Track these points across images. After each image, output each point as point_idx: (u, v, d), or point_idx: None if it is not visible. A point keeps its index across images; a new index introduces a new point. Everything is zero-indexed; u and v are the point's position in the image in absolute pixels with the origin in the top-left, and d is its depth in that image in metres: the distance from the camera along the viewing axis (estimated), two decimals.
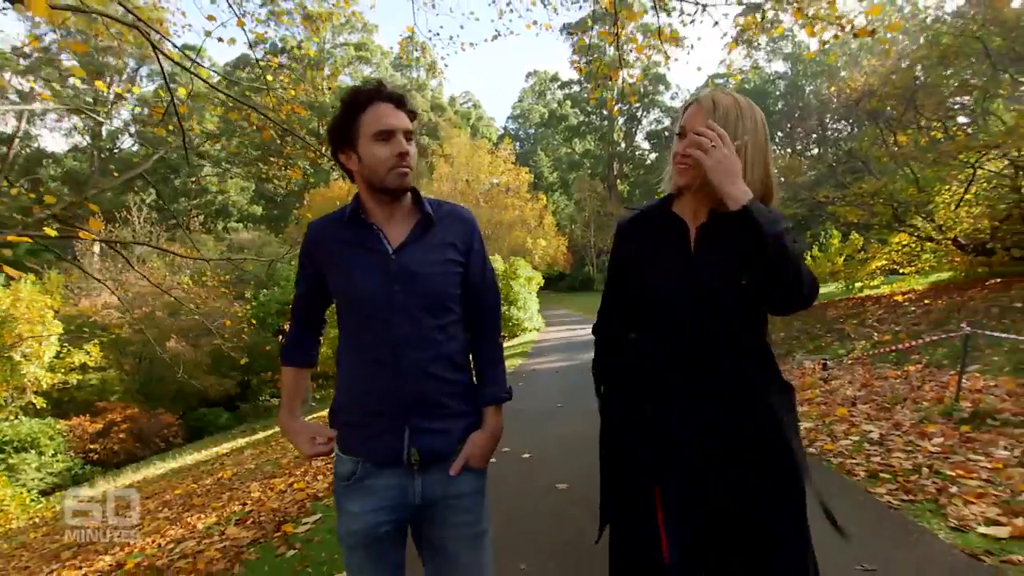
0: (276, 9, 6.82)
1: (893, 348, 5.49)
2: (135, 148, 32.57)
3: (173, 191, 37.24)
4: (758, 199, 1.05)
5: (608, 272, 1.33)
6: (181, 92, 4.73)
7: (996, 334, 4.23)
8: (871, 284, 11.92)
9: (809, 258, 14.14)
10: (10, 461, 11.50)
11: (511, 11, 5.53)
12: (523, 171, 29.45)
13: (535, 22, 5.74)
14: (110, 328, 16.62)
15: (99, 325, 16.98)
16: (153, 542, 3.63)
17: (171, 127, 4.54)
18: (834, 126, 9.94)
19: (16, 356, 12.44)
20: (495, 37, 5.96)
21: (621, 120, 47.26)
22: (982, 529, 2.21)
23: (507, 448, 4.10)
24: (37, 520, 7.11)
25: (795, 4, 4.26)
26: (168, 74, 3.95)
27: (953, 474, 2.78)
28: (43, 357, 13.05)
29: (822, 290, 14.11)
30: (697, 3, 4.08)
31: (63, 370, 14.38)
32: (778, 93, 40.46)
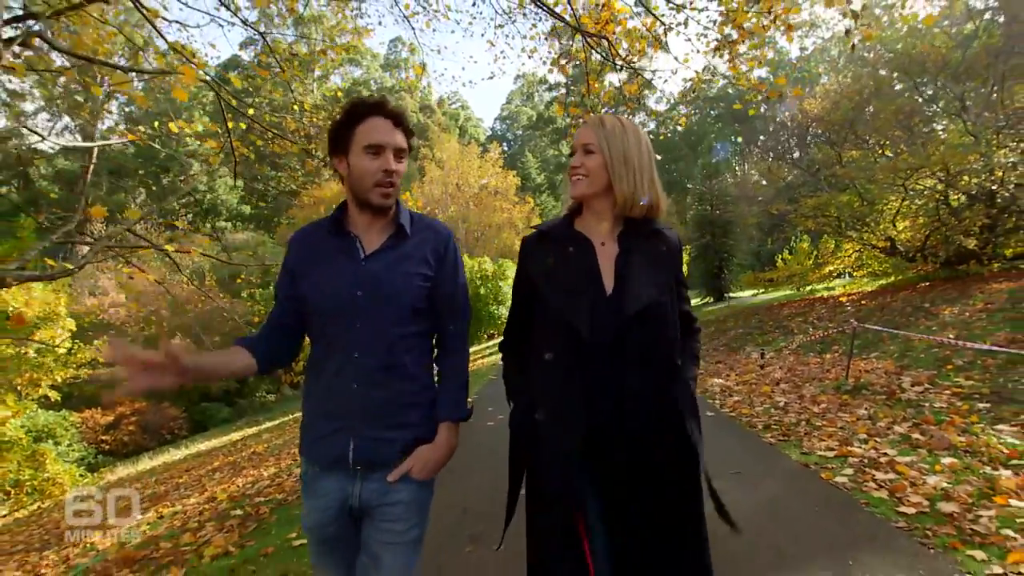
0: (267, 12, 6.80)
1: (818, 340, 6.68)
2: (130, 151, 32.88)
3: (162, 190, 37.53)
4: (640, 208, 1.20)
5: (514, 290, 1.34)
6: (181, 96, 4.90)
7: (875, 327, 5.43)
8: (827, 285, 13.24)
9: (780, 261, 15.53)
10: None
11: (504, 57, 6.64)
12: (511, 174, 30.50)
13: (524, 49, 6.83)
14: (116, 326, 17.36)
15: (105, 323, 17.70)
16: (229, 486, 4.65)
17: (156, 124, 4.86)
18: (789, 141, 11.06)
19: (31, 352, 13.18)
20: (491, 77, 7.07)
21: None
22: (820, 453, 3.36)
23: (491, 422, 5.18)
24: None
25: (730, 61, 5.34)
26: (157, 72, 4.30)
27: (820, 424, 3.94)
28: (57, 352, 13.79)
29: (781, 292, 15.39)
30: (652, 72, 5.17)
31: (74, 365, 15.10)
32: (760, 98, 42.13)
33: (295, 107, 5.78)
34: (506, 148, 50.74)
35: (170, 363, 0.99)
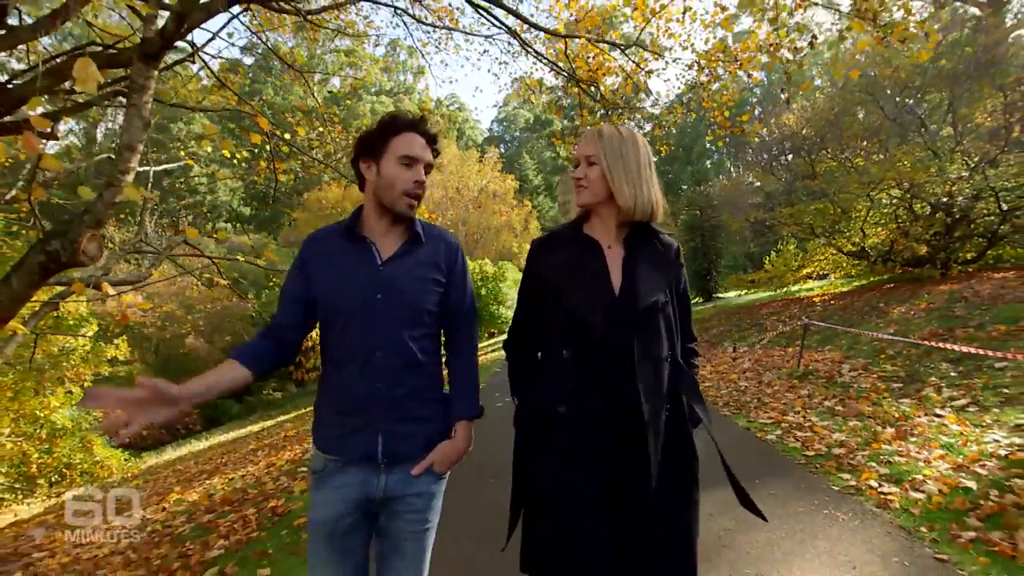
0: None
1: (785, 335, 7.62)
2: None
3: (162, 192, 38.19)
4: (642, 213, 1.26)
5: (521, 290, 1.39)
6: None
7: (825, 324, 6.37)
8: (807, 287, 14.21)
9: (768, 263, 16.50)
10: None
11: (508, 88, 7.51)
12: (509, 178, 31.41)
13: (526, 81, 7.74)
14: (133, 325, 18.18)
15: (123, 323, 18.50)
16: (280, 457, 5.54)
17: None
18: (770, 153, 11.99)
19: (55, 350, 14.01)
20: (495, 105, 7.95)
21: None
22: (761, 421, 4.29)
23: (499, 404, 6.09)
24: (135, 472, 8.93)
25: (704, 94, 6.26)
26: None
27: (767, 402, 4.87)
28: (79, 351, 14.64)
29: (761, 293, 16.30)
30: (633, 108, 6.09)
31: (96, 362, 15.93)
32: (755, 100, 43.34)
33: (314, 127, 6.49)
34: (503, 150, 51.55)
35: (154, 396, 1.02)
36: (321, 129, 6.81)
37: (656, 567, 1.19)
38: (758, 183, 12.39)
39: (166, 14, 3.06)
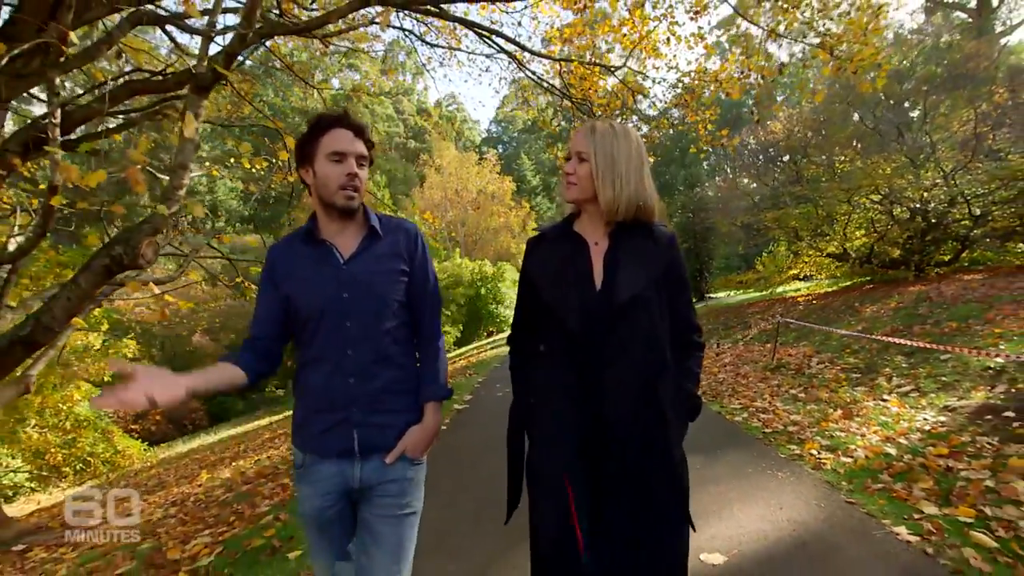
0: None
1: (767, 332, 8.18)
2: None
3: (163, 191, 38.39)
4: (626, 213, 1.26)
5: (519, 288, 1.44)
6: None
7: (796, 321, 6.93)
8: (794, 288, 14.78)
9: (760, 264, 17.12)
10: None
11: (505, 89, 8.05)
12: (507, 180, 31.98)
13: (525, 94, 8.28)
14: (141, 323, 18.66)
15: (131, 320, 18.99)
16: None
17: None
18: (758, 159, 12.52)
19: (96, 344, 14.50)
20: (496, 119, 8.47)
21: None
22: (732, 407, 4.83)
23: (499, 393, 6.63)
24: (153, 462, 9.45)
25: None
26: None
27: (740, 390, 5.42)
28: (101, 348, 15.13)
29: (752, 294, 16.88)
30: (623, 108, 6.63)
31: (117, 358, 16.40)
32: (751, 102, 44.00)
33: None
34: (501, 150, 52.03)
35: (152, 375, 1.05)
36: None
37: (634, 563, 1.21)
38: (754, 184, 12.91)
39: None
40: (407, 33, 6.63)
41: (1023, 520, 2.19)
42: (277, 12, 5.10)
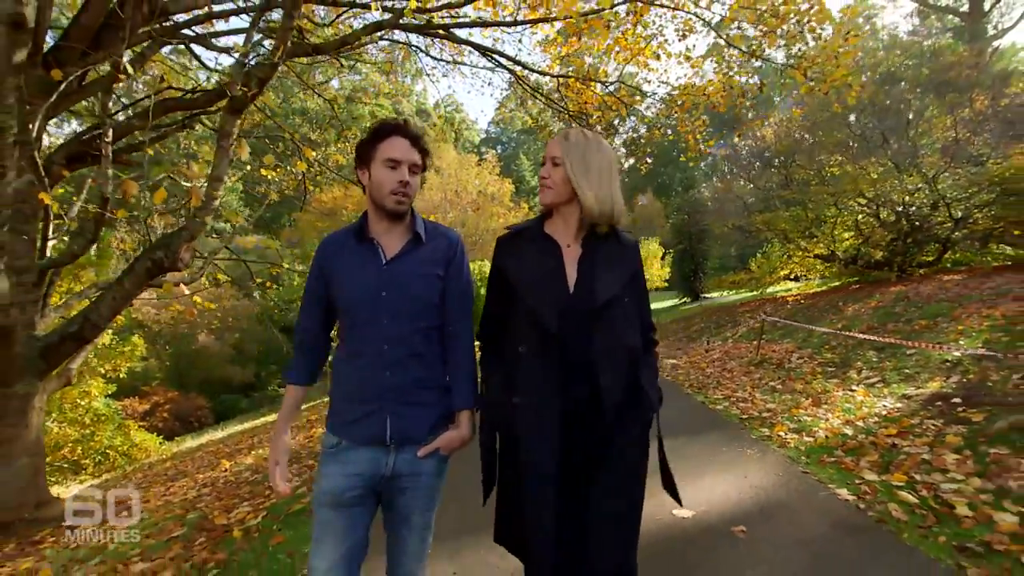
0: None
1: (754, 330, 8.61)
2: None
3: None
4: (605, 216, 1.33)
5: (488, 284, 1.48)
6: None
7: (780, 320, 7.36)
8: (785, 288, 15.23)
9: (754, 265, 17.57)
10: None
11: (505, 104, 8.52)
12: (506, 181, 32.34)
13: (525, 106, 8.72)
14: (148, 322, 19.07)
15: (139, 321, 19.40)
16: (311, 433, 6.48)
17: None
18: (750, 162, 12.94)
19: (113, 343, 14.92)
20: (494, 120, 8.92)
21: (598, 128, 50.34)
22: (715, 397, 5.26)
23: None
24: (168, 455, 9.86)
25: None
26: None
27: (724, 383, 5.85)
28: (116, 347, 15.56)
29: (745, 294, 17.34)
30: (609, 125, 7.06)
31: (131, 357, 16.84)
32: (748, 104, 44.50)
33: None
34: (500, 151, 52.38)
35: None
36: (336, 146, 7.78)
37: (597, 540, 1.29)
38: (751, 185, 13.33)
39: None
40: (414, 48, 7.05)
41: (944, 483, 2.62)
42: (297, 33, 5.51)
